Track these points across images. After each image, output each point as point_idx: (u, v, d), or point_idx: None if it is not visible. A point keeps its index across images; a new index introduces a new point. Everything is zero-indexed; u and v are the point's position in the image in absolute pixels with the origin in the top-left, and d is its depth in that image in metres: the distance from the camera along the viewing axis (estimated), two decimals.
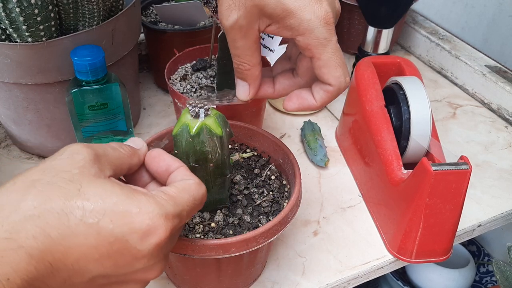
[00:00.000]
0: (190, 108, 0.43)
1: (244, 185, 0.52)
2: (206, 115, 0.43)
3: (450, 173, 0.48)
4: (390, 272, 0.93)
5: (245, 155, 0.56)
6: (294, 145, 0.72)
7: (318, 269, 0.55)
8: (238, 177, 0.53)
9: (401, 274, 0.98)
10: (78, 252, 0.28)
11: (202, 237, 0.46)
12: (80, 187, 0.29)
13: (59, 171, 0.30)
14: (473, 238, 0.98)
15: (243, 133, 0.57)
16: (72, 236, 0.28)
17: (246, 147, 0.57)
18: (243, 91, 0.46)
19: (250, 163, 0.55)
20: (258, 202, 0.50)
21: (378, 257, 0.56)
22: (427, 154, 0.57)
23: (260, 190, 0.52)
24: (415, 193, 0.50)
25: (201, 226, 0.47)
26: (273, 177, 0.53)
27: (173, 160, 0.38)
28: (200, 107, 0.43)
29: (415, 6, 1.00)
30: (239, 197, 0.51)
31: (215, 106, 0.44)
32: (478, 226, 0.62)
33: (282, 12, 0.38)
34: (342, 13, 0.89)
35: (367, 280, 0.57)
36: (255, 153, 0.56)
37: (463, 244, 0.99)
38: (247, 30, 0.40)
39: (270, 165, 0.54)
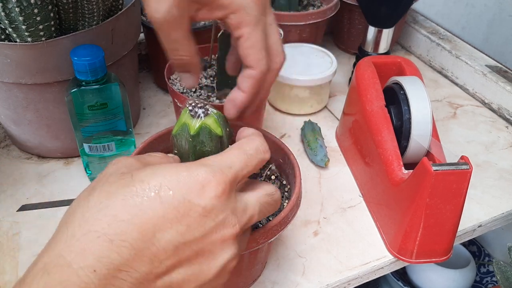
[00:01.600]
0: (189, 107, 0.42)
1: None
2: (206, 114, 0.42)
3: (450, 173, 0.48)
4: (391, 273, 0.93)
5: None
6: (294, 145, 0.72)
7: (318, 269, 0.55)
8: None
9: (402, 274, 0.98)
10: (151, 225, 0.29)
11: None
12: (131, 175, 0.31)
13: (109, 174, 0.33)
14: (473, 238, 0.98)
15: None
16: (140, 213, 0.29)
17: None
18: (191, 82, 0.45)
19: None
20: None
21: (379, 257, 0.56)
22: (428, 154, 0.57)
23: None
24: (416, 193, 0.50)
25: None
26: (273, 177, 0.53)
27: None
28: (200, 107, 0.42)
29: (415, 5, 0.99)
30: None
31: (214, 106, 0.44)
32: (478, 226, 0.62)
33: None
34: (342, 12, 0.90)
35: (368, 280, 0.57)
36: None
37: (463, 244, 0.99)
38: (181, 20, 0.39)
39: (270, 165, 0.54)
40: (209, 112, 0.43)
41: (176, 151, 0.44)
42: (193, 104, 0.42)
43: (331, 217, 0.61)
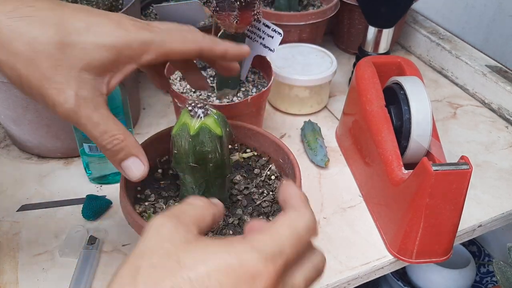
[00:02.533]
0: (189, 108, 0.42)
1: (244, 185, 0.52)
2: (205, 115, 0.42)
3: (450, 173, 0.48)
4: (391, 273, 0.93)
5: (245, 155, 0.55)
6: (294, 145, 0.72)
7: None
8: (238, 177, 0.52)
9: (402, 274, 0.98)
10: None
11: None
12: (178, 259, 0.29)
13: (154, 251, 0.30)
14: (473, 238, 0.97)
15: (243, 133, 0.56)
16: None
17: (246, 147, 0.57)
18: (138, 169, 0.39)
19: (250, 163, 0.55)
20: (258, 202, 0.50)
21: (379, 258, 0.56)
22: (428, 154, 0.57)
23: (260, 190, 0.51)
24: (416, 193, 0.50)
25: None
26: (273, 177, 0.53)
27: (294, 190, 0.35)
28: (200, 107, 0.42)
29: (415, 5, 0.99)
30: (239, 197, 0.50)
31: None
32: (478, 226, 0.62)
33: (135, 47, 0.37)
34: (342, 12, 0.90)
35: (368, 280, 0.57)
36: (255, 153, 0.56)
37: (463, 244, 0.99)
38: (95, 98, 0.36)
39: (270, 165, 0.54)
40: (209, 112, 0.42)
41: (176, 151, 0.44)
42: (193, 104, 0.42)
43: (331, 217, 0.61)
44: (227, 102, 0.63)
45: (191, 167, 0.44)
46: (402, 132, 0.57)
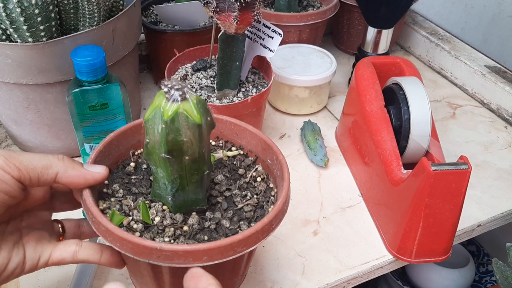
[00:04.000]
0: (165, 89, 0.36)
1: (226, 186, 0.46)
2: (183, 99, 0.36)
3: (449, 173, 0.48)
4: (390, 272, 0.93)
5: (229, 153, 0.50)
6: (294, 145, 0.73)
7: (318, 269, 0.55)
8: (219, 177, 0.46)
9: (401, 274, 0.98)
10: None
11: (172, 241, 0.41)
12: None
13: None
14: (472, 238, 0.98)
15: (229, 129, 0.50)
16: None
17: (231, 145, 0.51)
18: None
19: (234, 162, 0.49)
20: (239, 205, 0.44)
21: (378, 257, 0.57)
22: (427, 154, 0.57)
23: (244, 193, 0.46)
24: (415, 193, 0.50)
25: (172, 229, 0.41)
26: (259, 179, 0.47)
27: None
28: (177, 89, 0.36)
29: (414, 6, 1.00)
30: (219, 199, 0.45)
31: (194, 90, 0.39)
32: (477, 226, 0.62)
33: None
34: (342, 13, 0.90)
35: (367, 280, 0.57)
36: (241, 152, 0.50)
37: (462, 244, 0.99)
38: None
39: (257, 166, 0.48)
40: (187, 96, 0.36)
41: (147, 140, 0.39)
42: (169, 86, 0.36)
43: (331, 216, 0.62)
44: (227, 102, 0.63)
45: (163, 159, 0.38)
46: (401, 132, 0.57)
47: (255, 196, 0.46)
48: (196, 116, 0.37)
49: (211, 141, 0.51)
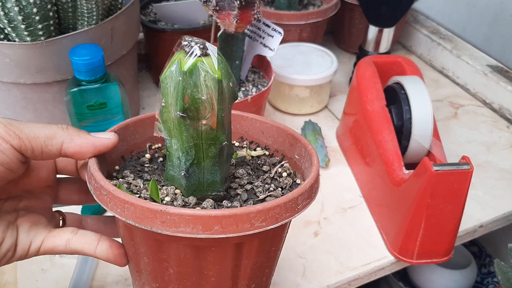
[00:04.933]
0: (184, 42, 0.34)
1: (247, 181, 0.42)
2: (204, 54, 0.33)
3: (451, 173, 0.48)
4: (391, 273, 0.92)
5: (253, 153, 0.46)
6: None
7: (318, 270, 0.55)
8: (241, 171, 0.42)
9: (402, 275, 0.98)
10: None
11: None
12: None
13: None
14: (474, 239, 0.97)
15: (254, 127, 0.47)
16: None
17: (256, 145, 0.47)
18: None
19: (259, 162, 0.45)
20: (261, 196, 0.40)
21: (379, 258, 0.56)
22: (429, 154, 0.57)
23: (267, 186, 0.41)
24: (417, 193, 0.50)
25: None
26: (284, 174, 0.43)
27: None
28: (197, 43, 0.34)
29: (416, 5, 0.99)
30: (239, 191, 0.40)
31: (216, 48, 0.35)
32: (479, 227, 0.62)
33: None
34: (342, 12, 0.90)
35: (368, 281, 0.57)
36: (267, 153, 0.46)
37: (464, 244, 0.98)
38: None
39: (284, 163, 0.44)
40: (208, 51, 0.34)
41: (163, 103, 0.36)
42: (189, 39, 0.34)
43: (332, 217, 0.61)
44: None
45: (178, 122, 0.35)
46: (403, 132, 0.57)
47: (279, 189, 0.41)
48: (216, 71, 0.33)
49: (234, 142, 0.47)
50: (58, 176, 0.41)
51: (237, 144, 0.47)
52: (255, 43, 0.64)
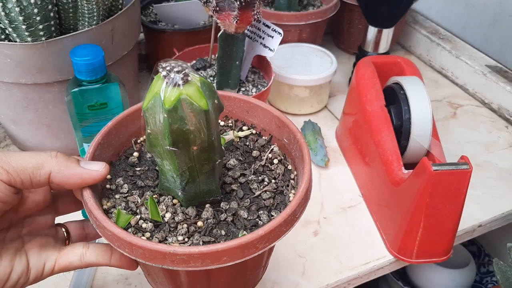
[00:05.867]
0: (164, 72, 0.32)
1: (240, 171, 0.42)
2: (185, 82, 0.32)
3: (450, 173, 0.48)
4: (391, 273, 0.93)
5: (241, 133, 0.45)
6: None
7: (318, 269, 0.55)
8: (232, 161, 0.43)
9: (402, 274, 0.98)
10: None
11: (186, 239, 0.37)
12: None
13: None
14: (473, 238, 0.97)
15: (238, 106, 0.46)
16: None
17: (242, 123, 0.47)
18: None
19: (247, 143, 0.45)
20: (257, 193, 0.40)
21: (379, 257, 0.56)
22: (428, 154, 0.57)
23: (260, 178, 0.42)
24: (416, 193, 0.50)
25: (185, 225, 0.38)
26: (275, 160, 0.43)
27: None
28: (178, 71, 0.32)
29: (415, 5, 0.99)
30: (234, 187, 0.41)
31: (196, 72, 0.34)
32: (478, 226, 0.62)
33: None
34: (342, 12, 0.90)
35: (367, 280, 0.57)
36: (254, 132, 0.46)
37: (463, 244, 0.98)
38: None
39: (272, 146, 0.44)
40: (189, 78, 0.32)
41: (149, 131, 0.35)
42: (168, 68, 0.32)
43: (331, 217, 0.61)
44: None
45: (169, 151, 0.35)
46: (402, 132, 0.57)
47: (273, 181, 0.42)
48: (201, 101, 0.32)
49: (219, 121, 0.47)
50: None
51: (222, 123, 0.47)
52: (255, 43, 0.64)
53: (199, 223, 0.38)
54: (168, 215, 0.39)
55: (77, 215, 0.45)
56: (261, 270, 0.45)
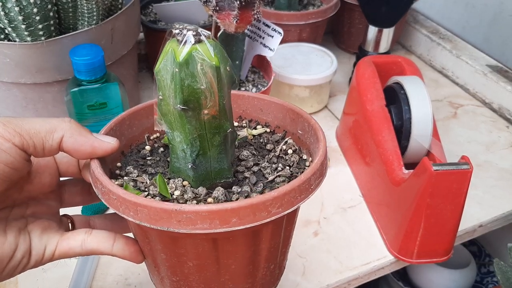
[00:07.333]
0: (176, 31, 0.32)
1: (253, 162, 0.41)
2: (198, 41, 0.32)
3: (451, 173, 0.48)
4: (391, 273, 0.93)
5: (254, 131, 0.45)
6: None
7: (318, 269, 0.55)
8: (245, 153, 0.42)
9: (402, 274, 0.98)
10: None
11: None
12: None
13: None
14: (474, 238, 0.97)
15: (252, 105, 0.46)
16: None
17: (256, 123, 0.46)
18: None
19: (261, 140, 0.44)
20: (270, 177, 0.39)
21: (379, 258, 0.56)
22: (428, 154, 0.57)
23: (274, 166, 0.41)
24: (416, 193, 0.50)
25: (194, 202, 0.37)
26: (290, 151, 0.42)
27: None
28: (190, 30, 0.32)
29: (416, 5, 0.99)
30: (247, 174, 0.40)
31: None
32: (479, 227, 0.62)
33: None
34: (342, 12, 0.90)
35: (368, 280, 0.57)
36: (268, 130, 0.45)
37: (464, 244, 0.98)
38: None
39: (287, 139, 0.44)
40: (201, 38, 0.32)
41: (160, 96, 0.34)
42: (180, 27, 0.32)
43: (331, 217, 0.61)
44: None
45: (179, 115, 0.34)
46: (402, 132, 0.57)
47: (287, 167, 0.40)
48: (213, 58, 0.32)
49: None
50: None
51: (236, 123, 0.47)
52: (255, 43, 0.64)
53: (209, 200, 0.37)
54: (177, 192, 0.37)
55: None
56: (276, 266, 0.42)
